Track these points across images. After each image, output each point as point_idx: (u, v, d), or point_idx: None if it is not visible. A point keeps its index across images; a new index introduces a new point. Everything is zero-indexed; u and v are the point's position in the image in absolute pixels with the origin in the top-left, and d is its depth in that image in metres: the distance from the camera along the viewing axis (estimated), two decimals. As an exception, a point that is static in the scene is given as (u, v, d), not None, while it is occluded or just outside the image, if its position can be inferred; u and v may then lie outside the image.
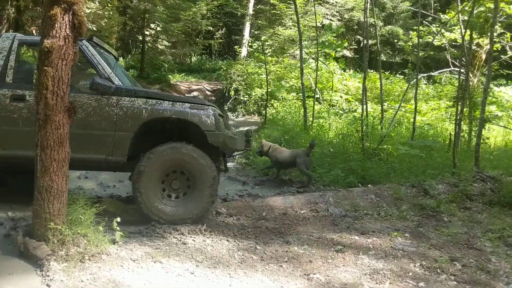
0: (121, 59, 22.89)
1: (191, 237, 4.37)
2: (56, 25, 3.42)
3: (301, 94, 11.37)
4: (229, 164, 9.06)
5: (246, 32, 20.40)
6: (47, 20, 3.44)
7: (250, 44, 17.92)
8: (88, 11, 13.97)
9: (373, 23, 12.27)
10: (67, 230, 3.66)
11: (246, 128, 12.11)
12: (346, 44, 16.68)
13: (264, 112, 12.61)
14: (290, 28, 17.73)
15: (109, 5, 15.39)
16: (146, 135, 5.08)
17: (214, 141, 4.95)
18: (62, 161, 3.67)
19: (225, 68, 19.14)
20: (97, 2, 15.34)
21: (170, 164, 4.88)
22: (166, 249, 4.00)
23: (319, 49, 12.14)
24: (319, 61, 11.69)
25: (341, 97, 12.94)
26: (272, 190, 6.90)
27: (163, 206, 4.79)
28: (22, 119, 4.94)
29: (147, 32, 19.18)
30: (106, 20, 15.18)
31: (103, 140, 4.89)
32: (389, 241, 4.50)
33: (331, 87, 13.26)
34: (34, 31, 17.14)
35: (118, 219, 4.02)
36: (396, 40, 19.16)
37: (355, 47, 21.80)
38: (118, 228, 3.97)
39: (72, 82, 5.12)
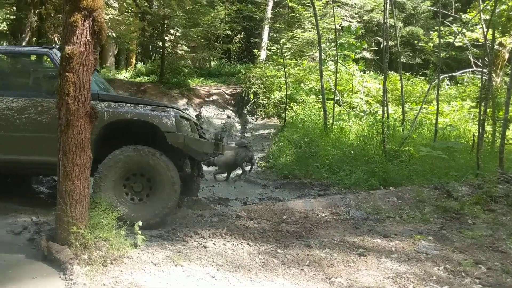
0: (141, 64, 23.19)
1: (211, 240, 4.36)
2: (77, 32, 3.46)
3: (320, 96, 11.32)
4: (249, 167, 9.11)
5: (265, 36, 20.43)
6: (68, 27, 3.49)
7: (269, 47, 17.93)
8: (107, 17, 14.17)
9: (393, 23, 12.15)
10: (89, 234, 3.69)
11: (265, 131, 12.12)
12: (365, 46, 16.56)
13: (283, 115, 12.59)
14: (309, 31, 17.69)
15: (128, 11, 15.58)
16: (111, 138, 5.12)
17: (173, 142, 4.96)
18: (84, 166, 3.71)
19: (244, 72, 19.20)
20: (116, 9, 15.55)
21: (129, 167, 4.90)
22: (187, 252, 4.00)
23: (338, 51, 12.07)
24: (338, 63, 11.61)
25: (361, 99, 12.83)
26: (292, 193, 6.88)
27: (124, 208, 4.73)
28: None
29: (166, 38, 19.34)
30: (125, 26, 15.36)
31: None
32: (412, 244, 4.42)
33: (351, 89, 13.16)
34: (56, 38, 17.48)
35: (140, 223, 4.04)
36: (416, 41, 18.94)
37: (375, 48, 21.62)
38: (139, 232, 3.99)
39: (40, 87, 5.40)
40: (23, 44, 15.11)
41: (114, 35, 16.38)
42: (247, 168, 8.53)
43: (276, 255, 4.04)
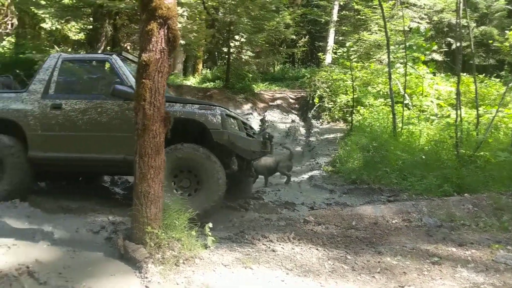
0: (207, 70, 23.75)
1: (279, 244, 4.37)
2: (152, 40, 3.60)
3: (388, 99, 11.02)
4: (315, 172, 9.04)
5: (330, 39, 20.22)
6: (144, 35, 3.64)
7: (334, 50, 17.74)
8: (179, 25, 14.65)
9: (466, 24, 11.60)
10: (162, 234, 3.82)
11: (331, 136, 11.98)
12: (435, 47, 15.93)
13: (350, 118, 12.39)
14: (376, 33, 17.32)
15: (197, 19, 16.01)
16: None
17: (218, 139, 5.21)
18: (158, 168, 3.84)
19: (309, 76, 19.09)
20: (184, 17, 16.03)
21: (176, 164, 5.21)
22: (256, 255, 4.03)
23: (407, 53, 11.71)
24: (407, 65, 11.26)
25: (431, 102, 12.34)
26: (360, 199, 6.74)
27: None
28: (58, 124, 5.75)
29: (232, 44, 19.68)
30: (196, 34, 15.78)
31: (124, 141, 5.31)
32: (490, 253, 4.18)
33: (420, 92, 12.71)
34: (128, 47, 18.34)
35: (210, 225, 4.13)
36: (490, 41, 17.97)
37: (446, 49, 20.77)
38: (210, 234, 4.08)
39: (99, 90, 5.88)
40: (99, 52, 16.00)
41: (184, 42, 16.89)
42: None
43: (345, 261, 3.97)
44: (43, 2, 16.68)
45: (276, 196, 7.03)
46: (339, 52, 15.84)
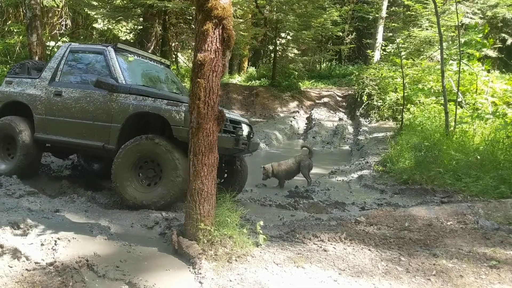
0: (252, 69, 23.87)
1: (331, 244, 4.33)
2: (208, 40, 3.66)
3: (440, 98, 10.68)
4: (365, 172, 8.90)
5: (379, 36, 19.85)
6: (200, 35, 3.69)
7: (383, 47, 17.38)
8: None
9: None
10: (215, 231, 3.88)
11: (380, 134, 11.76)
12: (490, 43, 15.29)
13: (399, 117, 12.10)
14: (426, 29, 16.82)
15: (248, 17, 16.09)
16: (137, 128, 5.82)
17: (178, 136, 5.32)
18: (212, 166, 3.90)
19: (357, 73, 18.83)
20: (234, 16, 16.14)
21: (140, 155, 5.47)
22: (307, 255, 4.02)
23: (461, 49, 11.30)
24: (462, 63, 10.86)
25: (486, 100, 11.86)
26: (413, 200, 6.58)
27: (134, 191, 5.43)
28: (57, 110, 6.28)
29: (278, 41, 19.68)
30: (245, 33, 15.88)
31: (104, 130, 5.84)
32: (552, 258, 3.99)
33: (474, 89, 12.24)
34: (174, 45, 18.67)
35: (261, 223, 4.15)
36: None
37: (500, 45, 19.90)
38: (261, 232, 4.10)
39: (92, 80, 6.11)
40: (149, 51, 16.39)
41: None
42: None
43: (399, 262, 3.89)
44: (95, 3, 17.29)
45: (326, 196, 6.97)
46: (388, 49, 15.52)
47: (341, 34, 24.00)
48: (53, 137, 6.32)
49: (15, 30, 21.28)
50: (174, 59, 20.49)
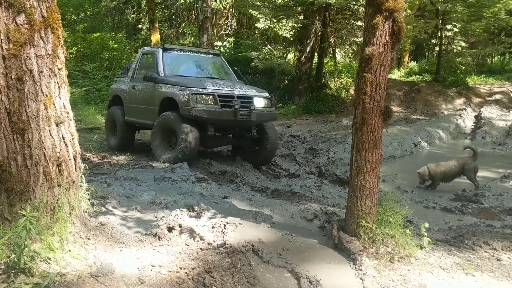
0: (413, 63, 22.67)
1: (505, 254, 3.93)
2: (377, 33, 3.58)
3: None
4: None
5: None
6: (369, 29, 3.64)
7: None
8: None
9: None
10: (377, 229, 3.80)
11: None
12: None
13: None
14: None
15: (414, 10, 15.32)
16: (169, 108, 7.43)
17: (183, 113, 7.03)
18: (375, 163, 3.82)
19: (537, 67, 16.68)
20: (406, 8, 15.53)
21: (164, 126, 7.34)
22: (478, 262, 3.71)
23: None
24: None
25: None
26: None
27: (162, 152, 7.32)
28: (133, 99, 8.47)
29: (443, 34, 18.40)
30: (410, 26, 15.15)
31: (152, 111, 7.77)
32: None
33: None
34: (333, 41, 18.65)
35: (427, 225, 3.95)
36: None
37: None
38: (426, 234, 3.90)
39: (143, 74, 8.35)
40: (307, 49, 16.69)
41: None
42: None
43: None
44: (258, 4, 18.14)
45: (498, 201, 6.31)
46: None
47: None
48: (133, 119, 8.52)
49: (188, 32, 23.51)
50: (332, 55, 20.52)
